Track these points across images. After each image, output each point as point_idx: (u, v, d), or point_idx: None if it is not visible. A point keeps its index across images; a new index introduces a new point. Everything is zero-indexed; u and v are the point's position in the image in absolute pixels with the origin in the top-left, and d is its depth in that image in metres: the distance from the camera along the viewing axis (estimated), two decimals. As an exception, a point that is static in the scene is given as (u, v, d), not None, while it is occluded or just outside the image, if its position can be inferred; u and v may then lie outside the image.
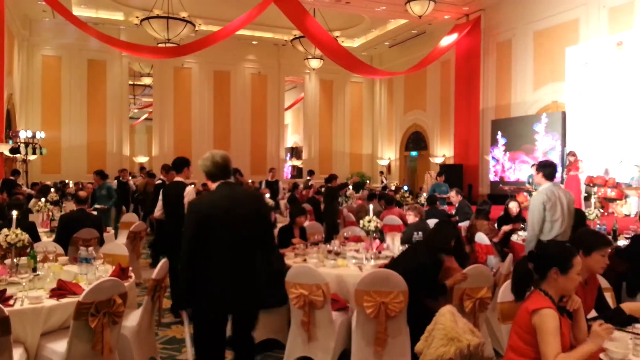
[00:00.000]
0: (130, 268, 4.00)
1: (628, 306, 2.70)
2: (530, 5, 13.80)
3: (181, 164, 5.26)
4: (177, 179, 5.24)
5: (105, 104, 17.73)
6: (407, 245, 4.84)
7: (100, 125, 17.65)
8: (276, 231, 5.71)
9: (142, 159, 20.81)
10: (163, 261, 3.78)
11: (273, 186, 11.43)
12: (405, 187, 14.44)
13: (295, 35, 16.03)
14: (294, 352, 3.87)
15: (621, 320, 2.59)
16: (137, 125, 27.25)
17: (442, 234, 4.05)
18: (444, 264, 3.91)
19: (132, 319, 3.63)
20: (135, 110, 26.65)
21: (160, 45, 14.57)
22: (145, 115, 26.52)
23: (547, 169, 4.57)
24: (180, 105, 18.71)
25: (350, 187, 13.80)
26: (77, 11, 15.23)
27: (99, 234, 5.54)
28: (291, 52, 18.35)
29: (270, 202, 9.21)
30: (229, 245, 2.88)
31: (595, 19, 12.11)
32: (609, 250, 2.85)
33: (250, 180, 15.96)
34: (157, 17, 13.92)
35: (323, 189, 15.21)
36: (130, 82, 20.42)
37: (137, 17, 15.14)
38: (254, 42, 19.04)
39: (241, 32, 15.85)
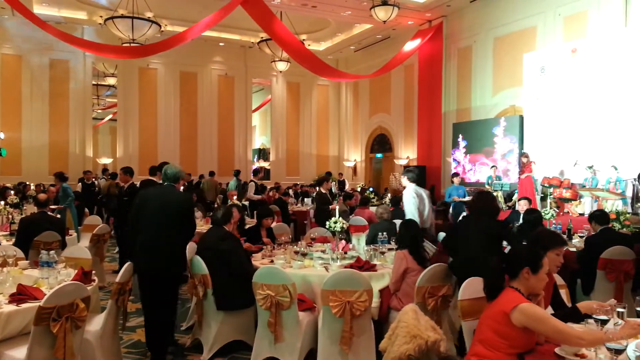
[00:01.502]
0: (94, 271, 3.96)
1: (582, 305, 2.88)
2: (490, 13, 14.22)
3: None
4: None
5: (68, 104, 17.25)
6: (372, 245, 4.94)
7: (63, 126, 17.16)
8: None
9: (105, 161, 20.32)
10: (127, 264, 3.76)
11: (243, 188, 11.44)
12: (371, 188, 14.65)
13: (262, 37, 16.03)
14: (260, 353, 3.90)
15: (577, 318, 2.75)
16: (101, 126, 26.61)
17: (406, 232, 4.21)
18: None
19: (95, 323, 3.60)
20: (99, 111, 26.04)
21: (125, 45, 14.32)
22: (110, 116, 25.93)
23: (410, 173, 6.04)
24: (145, 106, 18.40)
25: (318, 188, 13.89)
26: (38, 9, 14.79)
27: (61, 237, 5.43)
28: (258, 55, 18.32)
29: (238, 203, 9.20)
30: (151, 224, 4.07)
31: (552, 26, 12.60)
32: (564, 250, 3.01)
33: (219, 182, 15.89)
34: (122, 17, 13.68)
35: (291, 190, 15.31)
36: (94, 82, 19.95)
37: (101, 16, 14.83)
38: (221, 44, 18.92)
39: (208, 33, 15.74)
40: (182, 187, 5.86)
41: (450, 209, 10.90)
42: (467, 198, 11.03)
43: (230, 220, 4.60)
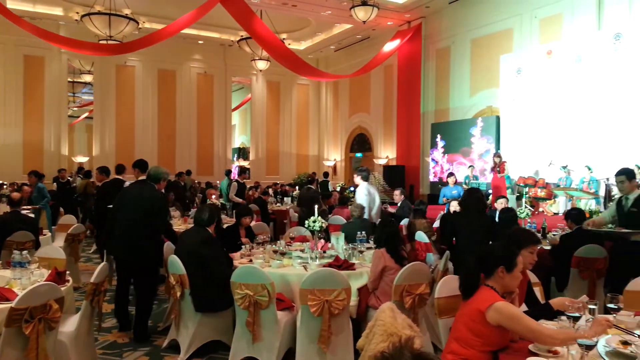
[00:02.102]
0: (68, 272, 3.89)
1: (554, 302, 2.94)
2: (468, 14, 14.40)
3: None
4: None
5: (43, 101, 16.88)
6: (350, 245, 4.96)
7: (37, 124, 16.79)
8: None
9: (81, 159, 19.94)
10: (102, 265, 3.70)
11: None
12: (352, 188, 14.69)
13: (242, 36, 15.94)
14: (238, 353, 3.88)
15: (550, 315, 2.81)
16: (77, 124, 26.12)
17: (383, 231, 4.24)
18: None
19: (69, 325, 3.53)
20: (75, 109, 25.54)
21: (101, 42, 14.09)
22: (86, 114, 25.44)
23: (363, 173, 6.78)
24: (122, 104, 18.12)
25: (297, 187, 13.91)
26: (12, 4, 14.45)
27: (35, 236, 5.32)
28: (238, 53, 18.21)
29: (217, 202, 9.14)
30: (125, 216, 4.69)
31: (528, 28, 12.82)
32: (538, 248, 3.06)
33: (196, 181, 15.75)
34: (99, 13, 13.45)
35: (270, 189, 15.26)
36: (70, 80, 19.56)
37: (77, 12, 14.54)
38: (200, 42, 18.76)
39: (187, 31, 15.58)
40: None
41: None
42: None
43: (214, 222, 4.56)
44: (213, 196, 9.35)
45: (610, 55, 10.70)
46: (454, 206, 6.97)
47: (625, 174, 4.60)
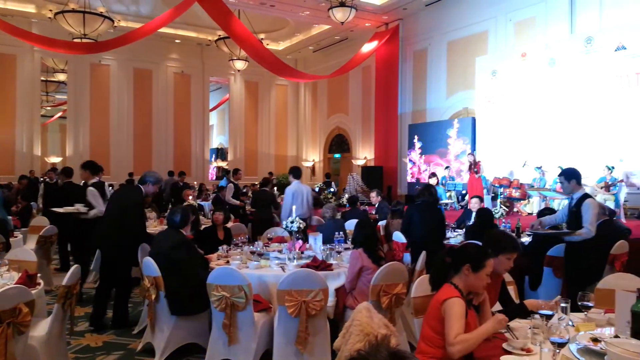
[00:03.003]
0: (39, 274, 3.80)
1: (529, 302, 2.98)
2: (444, 17, 14.57)
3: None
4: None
5: (15, 100, 16.47)
6: (328, 245, 4.96)
7: (9, 124, 16.38)
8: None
9: (55, 159, 19.53)
10: (74, 267, 3.62)
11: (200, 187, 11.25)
12: (332, 189, 14.72)
13: (219, 35, 15.83)
14: (214, 355, 3.84)
15: (524, 314, 2.85)
16: (50, 124, 25.57)
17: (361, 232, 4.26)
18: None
19: (40, 329, 3.45)
20: (48, 108, 24.99)
21: (75, 40, 13.81)
22: (59, 114, 24.94)
23: (294, 172, 7.41)
24: (97, 104, 17.80)
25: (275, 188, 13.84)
26: (-19, 1, 14.10)
27: (5, 238, 5.18)
28: (216, 53, 18.07)
29: (194, 203, 9.04)
30: (109, 214, 5.15)
31: (503, 31, 13.03)
32: (515, 255, 3.08)
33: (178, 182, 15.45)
34: (73, 11, 13.19)
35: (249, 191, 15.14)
36: (43, 78, 19.12)
37: (50, 10, 14.25)
38: (177, 41, 18.55)
39: (163, 30, 15.40)
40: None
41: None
42: (446, 200, 11.23)
43: (187, 224, 4.50)
44: (190, 197, 9.24)
45: (582, 58, 10.95)
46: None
47: (564, 175, 4.71)
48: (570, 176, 4.64)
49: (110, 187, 9.72)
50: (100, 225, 5.26)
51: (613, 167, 9.57)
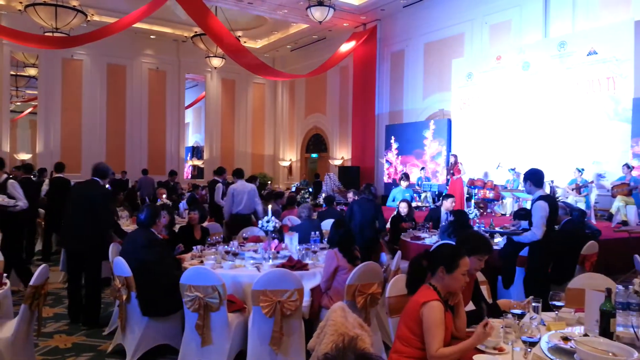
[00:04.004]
0: (5, 274, 3.68)
1: (502, 302, 3.02)
2: (421, 19, 14.70)
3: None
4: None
5: (-18, 96, 16.01)
6: (304, 245, 4.94)
7: (-25, 119, 15.90)
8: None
9: (24, 156, 19.02)
10: (42, 267, 3.52)
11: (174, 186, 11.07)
12: (311, 189, 14.71)
13: (196, 32, 15.66)
14: (187, 356, 3.77)
15: (496, 314, 2.88)
16: (20, 120, 24.91)
17: (336, 232, 4.24)
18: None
19: (6, 330, 3.34)
20: (18, 103, 24.33)
21: (47, 34, 13.46)
22: (30, 109, 24.32)
23: (238, 172, 8.04)
24: (69, 99, 17.40)
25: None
26: (-52, -9, 13.63)
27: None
28: (192, 49, 17.86)
29: (168, 202, 8.91)
30: (74, 211, 5.10)
31: (479, 34, 13.21)
32: (487, 257, 3.12)
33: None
34: (44, 4, 12.85)
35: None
36: (12, 73, 18.59)
37: (20, 2, 13.86)
38: (152, 37, 18.27)
39: (138, 25, 15.16)
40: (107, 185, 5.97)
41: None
42: (420, 202, 11.29)
43: (156, 222, 4.41)
44: (164, 195, 9.10)
45: (555, 62, 11.18)
46: (403, 208, 7.07)
47: (524, 176, 4.81)
48: (527, 177, 4.73)
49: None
50: (66, 222, 5.18)
51: (583, 170, 9.79)
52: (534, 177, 4.66)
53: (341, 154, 18.29)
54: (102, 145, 17.93)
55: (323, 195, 12.53)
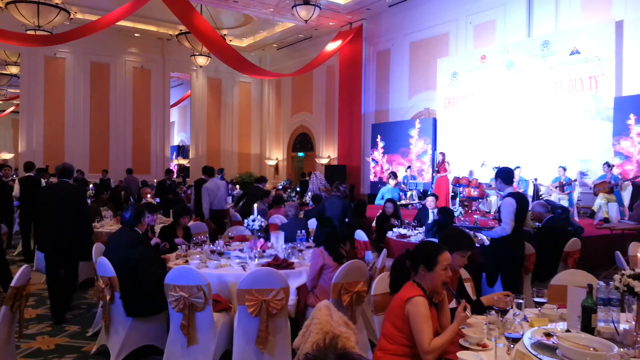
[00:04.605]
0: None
1: (484, 298, 3.05)
2: (407, 18, 14.76)
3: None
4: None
5: (-39, 94, 15.72)
6: (290, 244, 4.94)
7: (-46, 118, 15.61)
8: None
9: (6, 156, 18.73)
10: (24, 267, 3.46)
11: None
12: (298, 189, 14.68)
13: (181, 30, 15.54)
14: (172, 357, 3.74)
15: (480, 310, 2.91)
16: (2, 119, 24.56)
17: (322, 230, 4.24)
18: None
19: (-14, 332, 3.28)
20: (0, 102, 23.97)
21: (29, 32, 13.24)
22: (12, 108, 23.96)
23: (207, 170, 8.51)
24: (51, 98, 17.16)
25: (237, 187, 13.72)
26: None
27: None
28: (177, 48, 17.73)
29: (153, 201, 8.83)
30: (52, 212, 5.12)
31: (463, 34, 13.31)
32: (469, 253, 3.15)
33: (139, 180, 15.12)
34: (26, 1, 12.63)
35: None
36: (-6, 71, 18.37)
37: (1, -1, 13.64)
38: (137, 35, 18.10)
39: (122, 23, 15.00)
40: (90, 185, 6.17)
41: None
42: (406, 201, 11.32)
43: (141, 221, 4.36)
44: (148, 195, 9.02)
45: (538, 61, 11.31)
46: (389, 207, 7.11)
47: (495, 173, 4.99)
48: (497, 175, 4.91)
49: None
50: (45, 223, 5.22)
51: (565, 168, 9.92)
52: (504, 175, 4.83)
53: (328, 153, 18.30)
54: (86, 144, 17.72)
55: (309, 194, 12.52)
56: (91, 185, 13.41)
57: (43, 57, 16.87)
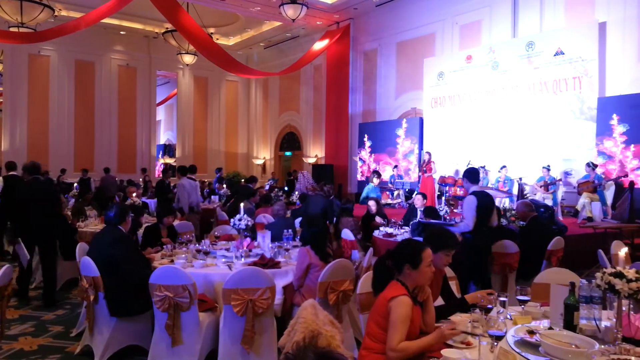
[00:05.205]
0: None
1: (468, 297, 3.07)
2: (393, 18, 14.81)
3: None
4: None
5: (-57, 92, 15.43)
6: (276, 243, 4.93)
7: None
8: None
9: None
10: (5, 267, 3.42)
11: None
12: (286, 188, 14.66)
13: (167, 28, 15.42)
14: (157, 357, 3.71)
15: (465, 309, 2.94)
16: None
17: (308, 229, 4.25)
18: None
19: (-33, 334, 3.23)
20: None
21: (12, 29, 13.04)
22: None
23: (183, 169, 8.73)
24: (35, 96, 16.91)
25: (225, 186, 13.66)
26: None
27: None
28: (163, 46, 17.59)
29: (138, 201, 8.77)
30: (29, 207, 5.63)
31: (449, 34, 13.39)
32: (453, 252, 3.17)
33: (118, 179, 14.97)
34: (10, -2, 12.45)
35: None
36: (-25, 68, 18.01)
37: (-18, -5, 13.38)
38: (122, 33, 17.92)
39: (107, 20, 14.86)
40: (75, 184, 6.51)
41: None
42: (393, 200, 11.37)
43: (125, 220, 4.33)
44: (134, 194, 8.95)
45: (523, 62, 11.42)
46: (372, 206, 7.13)
47: (463, 173, 5.31)
48: (464, 175, 5.21)
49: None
50: (24, 217, 5.65)
51: (549, 167, 10.03)
52: (470, 175, 5.12)
53: (315, 152, 18.29)
54: (71, 143, 17.51)
55: (297, 193, 12.51)
56: (75, 185, 13.25)
57: (27, 55, 16.63)
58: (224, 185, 13.84)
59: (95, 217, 7.26)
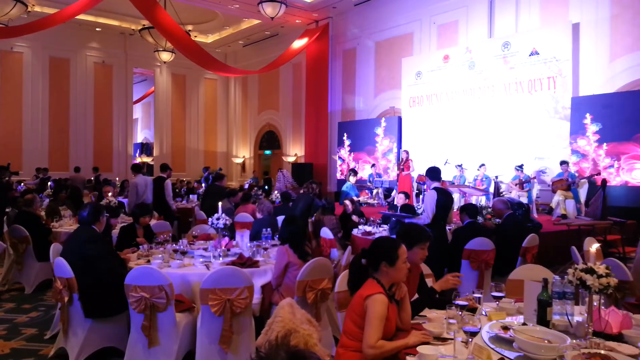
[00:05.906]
0: None
1: (438, 285, 3.09)
2: (372, 17, 14.87)
3: None
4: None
5: None
6: (255, 242, 4.91)
7: None
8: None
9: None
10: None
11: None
12: (267, 187, 14.61)
13: (144, 25, 15.21)
14: (133, 359, 3.67)
15: (434, 301, 2.99)
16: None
17: (287, 228, 4.24)
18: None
19: None
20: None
21: (-18, 24, 12.73)
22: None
23: (136, 168, 8.71)
24: (8, 94, 16.50)
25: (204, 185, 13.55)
26: None
27: None
28: (140, 43, 17.35)
29: (114, 200, 8.62)
30: None
31: (427, 34, 13.51)
32: (428, 243, 3.20)
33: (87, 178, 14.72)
34: (-22, -9, 12.14)
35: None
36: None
37: (-49, -10, 13.00)
38: (98, 29, 17.61)
39: (83, 16, 14.59)
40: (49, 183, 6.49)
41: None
42: (366, 197, 11.40)
43: (99, 219, 4.25)
44: (109, 193, 8.80)
45: (499, 61, 11.59)
46: (348, 205, 7.17)
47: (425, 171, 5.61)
48: (426, 173, 5.53)
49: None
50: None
51: (522, 166, 10.21)
52: (431, 173, 5.46)
53: (294, 151, 18.27)
54: (45, 142, 17.15)
55: (276, 192, 12.48)
56: (50, 183, 12.99)
57: (-1, 51, 16.24)
58: (203, 185, 13.74)
59: (70, 217, 7.12)
